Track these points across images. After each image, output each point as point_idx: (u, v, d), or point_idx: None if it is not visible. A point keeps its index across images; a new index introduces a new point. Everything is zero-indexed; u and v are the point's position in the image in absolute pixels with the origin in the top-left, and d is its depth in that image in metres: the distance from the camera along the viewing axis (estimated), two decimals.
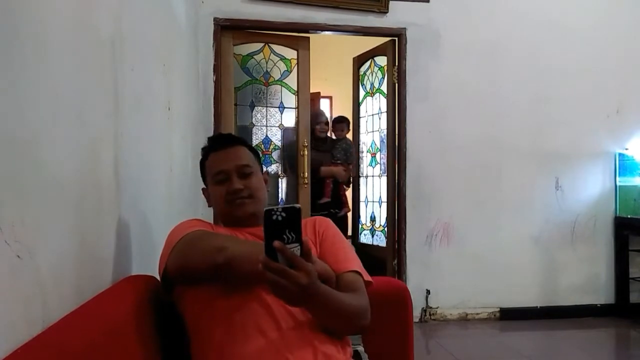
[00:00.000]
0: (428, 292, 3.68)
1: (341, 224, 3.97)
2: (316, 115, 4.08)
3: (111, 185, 1.31)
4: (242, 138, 1.45)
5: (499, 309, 3.76)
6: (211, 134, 3.52)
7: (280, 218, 0.92)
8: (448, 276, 3.70)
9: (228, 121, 3.65)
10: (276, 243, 0.92)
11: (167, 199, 2.11)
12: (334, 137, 4.31)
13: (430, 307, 3.69)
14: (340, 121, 4.34)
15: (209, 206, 1.41)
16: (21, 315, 0.81)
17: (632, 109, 3.94)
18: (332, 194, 4.02)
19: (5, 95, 0.77)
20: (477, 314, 3.73)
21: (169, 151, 2.17)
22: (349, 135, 4.49)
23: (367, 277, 1.24)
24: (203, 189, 1.43)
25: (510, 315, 3.74)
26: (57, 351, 0.78)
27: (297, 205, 0.95)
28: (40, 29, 0.90)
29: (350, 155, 4.18)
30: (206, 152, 1.41)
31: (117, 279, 1.31)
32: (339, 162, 4.11)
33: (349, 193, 4.40)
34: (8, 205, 0.77)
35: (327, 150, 4.12)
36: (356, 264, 1.25)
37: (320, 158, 4.02)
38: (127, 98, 1.45)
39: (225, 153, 1.36)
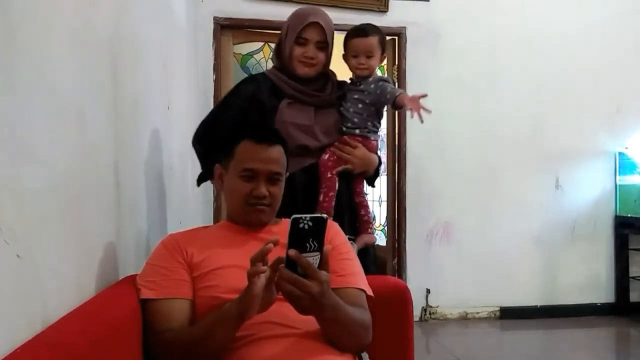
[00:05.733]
0: (428, 291, 3.67)
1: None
2: (298, 15, 1.87)
3: (111, 185, 1.31)
4: (281, 135, 1.31)
5: (499, 308, 3.75)
6: None
7: (307, 227, 0.93)
8: (448, 275, 3.70)
9: None
10: (291, 252, 0.93)
11: (166, 198, 2.11)
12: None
13: (430, 307, 3.69)
14: (357, 35, 1.91)
15: (219, 190, 1.30)
16: (21, 315, 0.81)
17: (632, 108, 3.94)
18: (340, 201, 1.71)
19: (5, 95, 0.77)
20: (477, 313, 3.73)
21: (168, 150, 2.17)
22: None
23: (370, 292, 1.23)
24: (216, 167, 1.30)
25: (510, 314, 3.73)
26: (57, 350, 0.78)
27: (325, 215, 0.97)
28: (40, 28, 0.90)
29: (373, 112, 1.81)
30: (241, 135, 1.25)
31: (117, 279, 1.31)
32: (355, 129, 1.77)
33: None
34: (8, 205, 0.77)
35: (328, 104, 1.80)
36: (362, 280, 1.24)
37: (302, 120, 1.71)
38: (126, 97, 1.45)
39: (263, 151, 1.22)
